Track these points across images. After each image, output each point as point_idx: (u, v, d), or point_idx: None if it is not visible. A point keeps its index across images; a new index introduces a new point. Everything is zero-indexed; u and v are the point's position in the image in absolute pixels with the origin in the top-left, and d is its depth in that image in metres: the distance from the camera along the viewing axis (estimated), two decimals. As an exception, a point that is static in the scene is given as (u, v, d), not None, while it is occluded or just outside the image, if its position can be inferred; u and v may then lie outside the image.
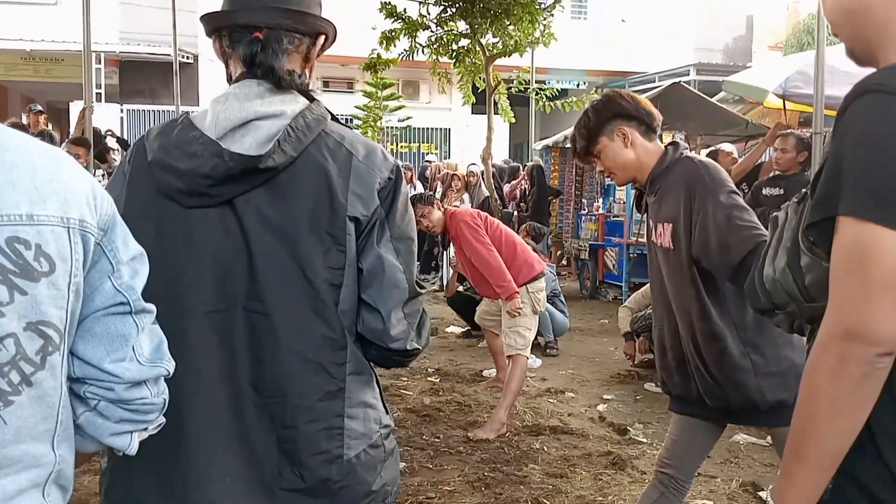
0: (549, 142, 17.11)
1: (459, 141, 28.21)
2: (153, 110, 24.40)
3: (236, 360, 2.14)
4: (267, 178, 2.13)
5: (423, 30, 13.87)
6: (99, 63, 22.18)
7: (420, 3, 13.80)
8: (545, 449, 6.39)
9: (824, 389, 1.59)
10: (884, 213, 1.52)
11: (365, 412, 2.24)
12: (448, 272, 11.81)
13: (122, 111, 24.39)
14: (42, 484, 1.45)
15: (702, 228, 3.34)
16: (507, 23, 13.18)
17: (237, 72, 2.25)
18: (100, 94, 21.57)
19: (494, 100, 14.42)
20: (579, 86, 27.78)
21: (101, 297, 1.55)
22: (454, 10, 13.35)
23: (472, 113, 24.49)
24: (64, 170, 1.52)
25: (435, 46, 13.99)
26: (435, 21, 13.75)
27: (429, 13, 13.76)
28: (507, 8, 12.87)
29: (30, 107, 13.80)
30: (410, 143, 28.62)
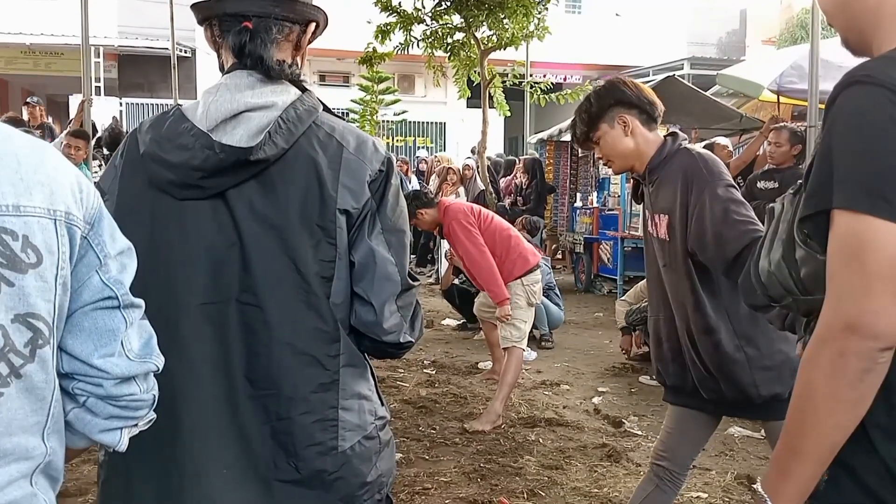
0: (543, 135, 17.08)
1: (455, 135, 28.18)
2: (152, 104, 24.34)
3: (230, 353, 2.15)
4: (258, 170, 2.14)
5: (418, 23, 13.84)
6: (97, 57, 22.13)
7: (415, -4, 13.82)
8: (540, 441, 6.41)
9: (823, 384, 1.58)
10: (877, 204, 1.51)
11: (359, 404, 2.25)
12: (443, 265, 11.81)
13: (120, 105, 24.32)
14: (29, 473, 1.45)
15: (698, 221, 3.33)
16: (502, 16, 13.17)
17: (228, 62, 2.25)
18: (98, 87, 21.49)
19: (489, 93, 14.42)
20: (573, 79, 27.76)
21: (89, 291, 1.54)
22: (449, 3, 13.32)
23: (468, 107, 24.47)
24: (48, 162, 1.51)
25: (430, 40, 13.98)
26: (430, 15, 13.73)
27: (424, 7, 13.73)
28: (502, 1, 12.85)
29: (27, 100, 13.74)
30: (406, 137, 28.60)
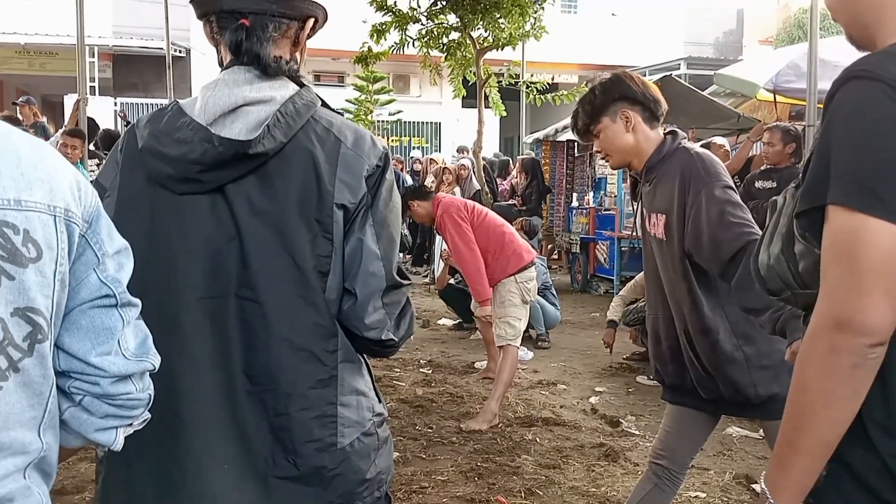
0: (539, 135, 17.07)
1: (450, 135, 28.18)
2: (146, 103, 24.31)
3: (229, 348, 2.14)
4: (257, 164, 2.14)
5: (414, 23, 13.86)
6: (92, 57, 22.11)
7: (410, -4, 13.82)
8: (538, 440, 6.39)
9: (816, 379, 1.59)
10: (871, 202, 1.51)
11: (358, 400, 2.24)
12: (439, 265, 11.80)
13: (115, 104, 24.30)
14: (24, 468, 1.45)
15: (694, 222, 3.31)
16: (498, 16, 13.18)
17: (227, 58, 2.25)
18: (93, 87, 21.49)
19: (485, 93, 14.42)
20: (570, 79, 27.77)
21: (87, 289, 1.54)
22: (445, 3, 13.34)
23: (463, 107, 24.47)
24: (47, 159, 1.51)
25: (426, 40, 13.98)
26: (425, 14, 13.75)
27: (419, 6, 13.74)
28: (498, 1, 12.86)
29: (21, 99, 13.67)
30: (401, 137, 28.60)
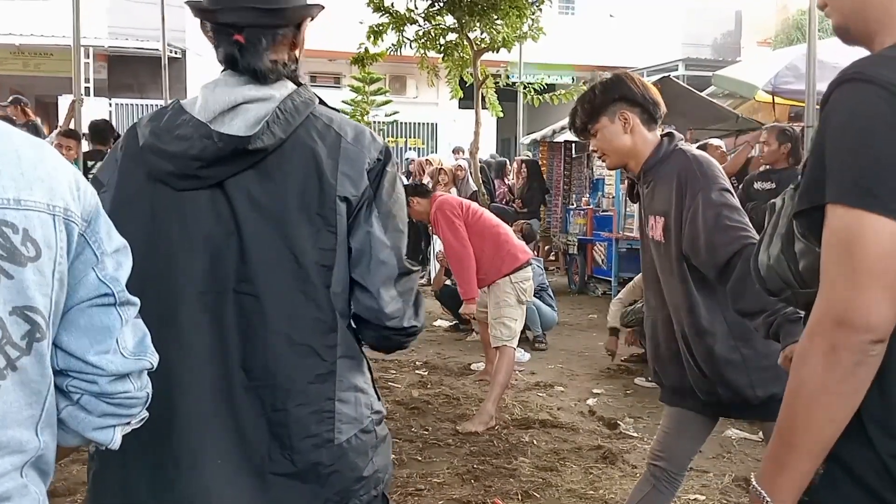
0: (536, 136, 17.07)
1: (447, 136, 28.16)
2: (142, 104, 24.30)
3: (227, 342, 2.15)
4: (256, 159, 2.16)
5: (411, 24, 13.84)
6: (88, 57, 22.07)
7: (407, -3, 13.79)
8: (535, 442, 6.36)
9: (815, 377, 1.59)
10: (868, 199, 1.53)
11: (356, 396, 2.24)
12: (435, 266, 11.78)
13: (110, 105, 24.28)
14: (21, 466, 1.45)
15: (691, 225, 3.32)
16: (495, 17, 13.16)
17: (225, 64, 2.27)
18: (88, 88, 21.45)
19: (482, 94, 14.40)
20: (571, 80, 27.78)
21: (86, 288, 1.55)
22: (442, 4, 13.31)
23: (460, 108, 24.46)
24: (47, 159, 1.52)
25: (423, 41, 13.97)
26: (422, 15, 13.72)
27: (416, 7, 13.72)
28: (495, 2, 12.84)
29: (9, 100, 13.45)
30: (397, 138, 28.56)
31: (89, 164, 9.67)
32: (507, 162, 18.81)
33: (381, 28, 13.73)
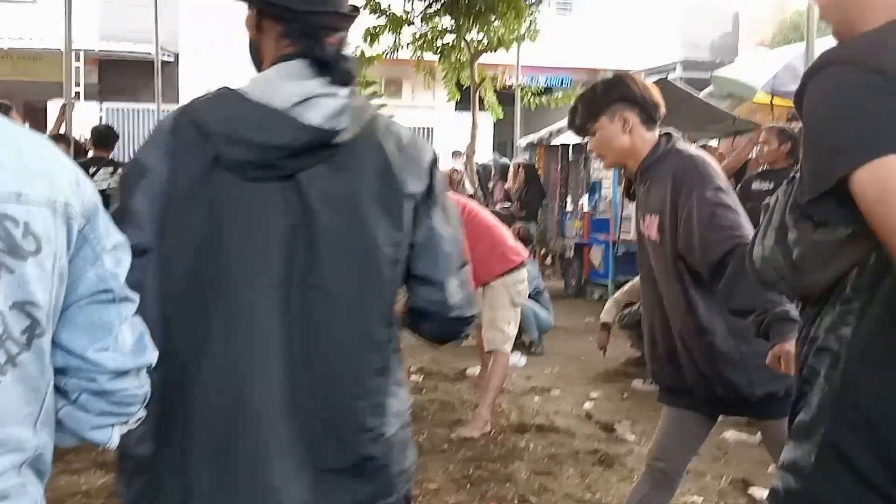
0: (533, 138, 17.05)
1: (442, 139, 28.17)
2: (133, 109, 24.25)
3: (293, 337, 2.12)
4: (333, 153, 2.16)
5: (408, 26, 13.84)
6: (78, 61, 22.00)
7: (405, -2, 13.79)
8: (531, 447, 6.31)
9: None
10: (887, 146, 1.59)
11: (401, 390, 2.28)
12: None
13: (101, 110, 24.24)
14: (19, 465, 1.46)
15: (686, 224, 3.35)
16: (492, 18, 13.16)
17: (279, 48, 2.23)
18: (79, 92, 21.36)
19: (480, 96, 14.39)
20: (564, 83, 27.81)
21: (85, 284, 1.56)
22: (439, 5, 13.31)
23: (456, 110, 24.46)
24: (48, 154, 1.55)
25: (420, 43, 13.97)
26: (419, 17, 13.72)
27: (413, 9, 13.72)
28: (492, 4, 12.84)
29: None
30: (394, 141, 28.59)
31: (91, 170, 9.52)
32: (508, 165, 18.81)
33: (377, 30, 13.72)
